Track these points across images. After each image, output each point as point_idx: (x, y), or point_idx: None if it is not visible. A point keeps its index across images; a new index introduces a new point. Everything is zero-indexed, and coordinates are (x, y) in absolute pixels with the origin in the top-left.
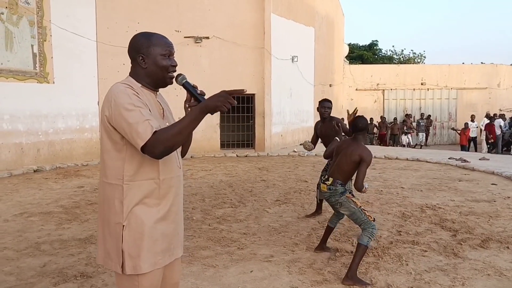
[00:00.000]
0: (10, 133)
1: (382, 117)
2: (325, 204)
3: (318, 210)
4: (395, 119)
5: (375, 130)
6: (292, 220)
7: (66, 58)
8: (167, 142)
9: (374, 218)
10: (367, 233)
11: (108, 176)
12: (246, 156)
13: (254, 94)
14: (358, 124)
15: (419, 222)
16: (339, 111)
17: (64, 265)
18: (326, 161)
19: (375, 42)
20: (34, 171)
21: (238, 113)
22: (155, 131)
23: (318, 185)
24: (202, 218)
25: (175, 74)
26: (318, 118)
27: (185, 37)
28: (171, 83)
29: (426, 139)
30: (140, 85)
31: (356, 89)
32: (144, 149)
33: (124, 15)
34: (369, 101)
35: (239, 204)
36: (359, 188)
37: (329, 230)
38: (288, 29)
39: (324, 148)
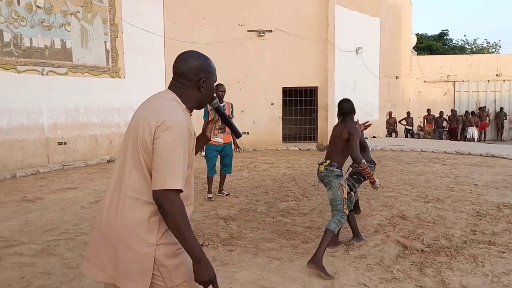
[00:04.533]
0: (85, 125)
1: (453, 111)
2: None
3: (356, 210)
4: (467, 112)
5: (445, 124)
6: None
7: (136, 53)
8: (173, 212)
9: (349, 211)
10: (336, 220)
11: (143, 193)
12: (308, 149)
13: (317, 87)
14: (343, 108)
15: (496, 221)
16: (406, 105)
17: None
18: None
19: (445, 31)
20: (107, 161)
21: (301, 106)
22: (180, 192)
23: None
24: (266, 211)
25: None
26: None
27: (248, 31)
28: None
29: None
30: (184, 107)
31: (424, 81)
32: (160, 192)
33: (190, 11)
34: (438, 93)
35: (303, 198)
36: (357, 159)
37: None
38: (352, 20)
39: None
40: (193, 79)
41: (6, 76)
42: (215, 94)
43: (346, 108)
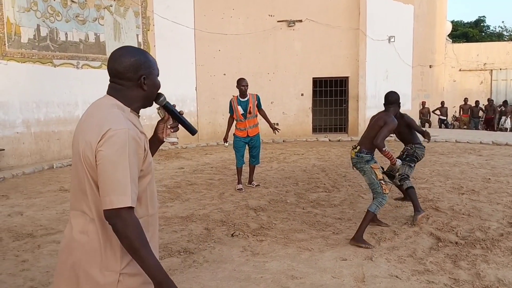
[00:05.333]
0: None
1: (490, 100)
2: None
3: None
4: (505, 101)
5: (481, 113)
6: (389, 208)
7: (167, 46)
8: (127, 232)
9: (388, 192)
10: (376, 202)
11: (101, 213)
12: (339, 140)
13: (347, 77)
14: (388, 97)
15: None
16: (440, 94)
17: (169, 240)
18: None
19: (482, 18)
20: None
21: (331, 97)
22: (133, 210)
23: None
24: (296, 202)
25: None
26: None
27: (278, 21)
28: None
29: None
30: (129, 109)
31: (460, 70)
32: (110, 212)
33: (220, 2)
34: (474, 82)
35: (333, 189)
36: (379, 145)
37: None
38: (384, 8)
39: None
40: (133, 77)
41: (43, 69)
42: (161, 92)
43: (391, 97)
